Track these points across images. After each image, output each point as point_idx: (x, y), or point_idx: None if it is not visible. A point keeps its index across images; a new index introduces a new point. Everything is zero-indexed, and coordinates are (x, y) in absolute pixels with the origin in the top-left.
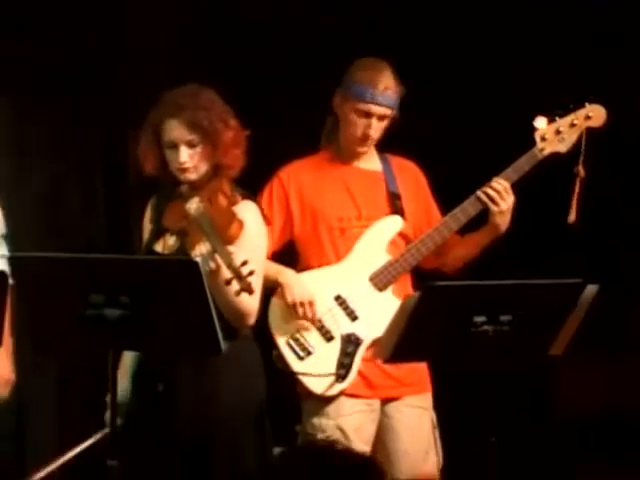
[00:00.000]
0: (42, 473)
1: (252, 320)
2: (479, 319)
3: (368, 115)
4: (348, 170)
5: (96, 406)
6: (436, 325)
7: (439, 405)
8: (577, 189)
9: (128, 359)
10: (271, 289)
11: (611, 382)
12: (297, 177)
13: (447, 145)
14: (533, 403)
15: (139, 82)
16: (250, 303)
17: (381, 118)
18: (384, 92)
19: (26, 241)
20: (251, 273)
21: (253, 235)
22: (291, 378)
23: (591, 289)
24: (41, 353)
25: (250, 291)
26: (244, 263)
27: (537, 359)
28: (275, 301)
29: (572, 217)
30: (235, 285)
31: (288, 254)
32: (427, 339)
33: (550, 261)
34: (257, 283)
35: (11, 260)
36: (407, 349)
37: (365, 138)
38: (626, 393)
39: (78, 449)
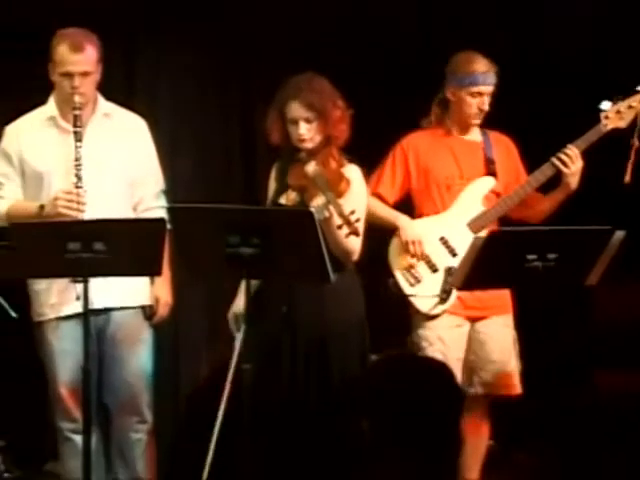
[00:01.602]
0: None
1: (356, 257)
2: (531, 257)
3: (480, 94)
4: (455, 140)
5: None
6: (498, 261)
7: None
8: (633, 156)
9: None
10: (391, 231)
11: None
12: (415, 144)
13: (533, 122)
14: (573, 321)
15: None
16: (355, 244)
17: (488, 94)
18: (487, 74)
19: (180, 194)
20: (357, 220)
21: (357, 190)
22: (403, 300)
23: (619, 234)
24: (194, 280)
25: (357, 234)
26: (352, 212)
27: (576, 287)
28: (394, 240)
29: (627, 178)
30: (345, 229)
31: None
32: (490, 272)
33: (607, 213)
34: (360, 228)
35: (169, 210)
36: (475, 279)
37: (480, 113)
38: None
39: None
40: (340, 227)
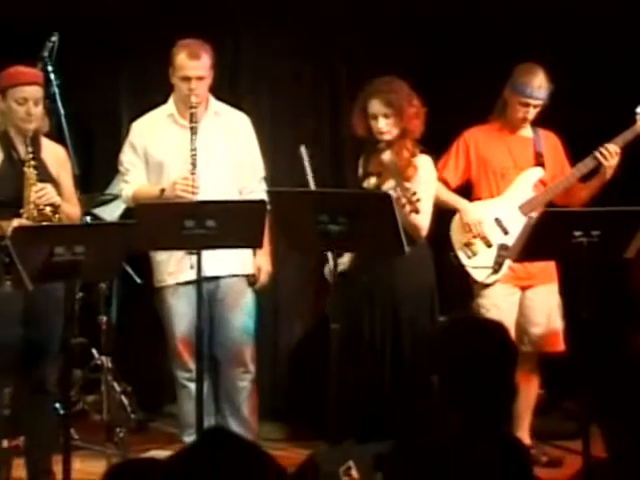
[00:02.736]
0: None
1: (423, 233)
2: (577, 233)
3: (527, 105)
4: (509, 135)
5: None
6: (548, 237)
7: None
8: None
9: None
10: (453, 212)
11: None
12: (475, 136)
13: (577, 124)
14: (612, 289)
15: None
16: (419, 221)
17: (535, 107)
18: (538, 90)
19: (278, 180)
20: (418, 200)
21: (424, 176)
22: (463, 271)
23: None
24: (290, 251)
25: (417, 212)
26: (414, 194)
27: (615, 260)
28: (455, 220)
29: None
30: (407, 207)
31: None
32: (541, 246)
33: None
34: (427, 208)
35: (269, 193)
36: (528, 253)
37: (524, 120)
38: None
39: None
40: (404, 205)
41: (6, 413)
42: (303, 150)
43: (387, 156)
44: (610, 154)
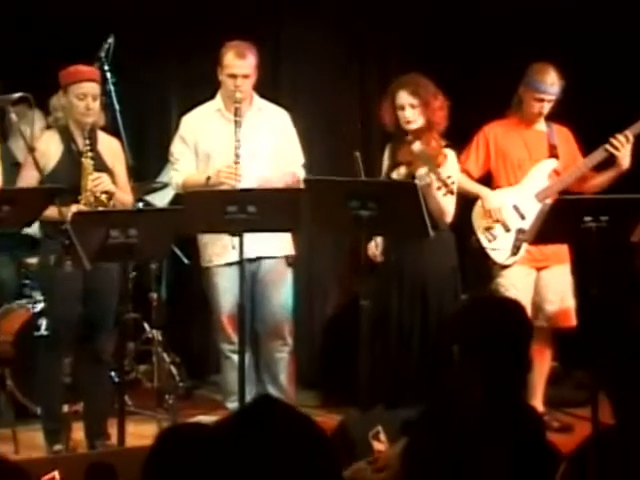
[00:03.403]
0: None
1: (448, 218)
2: (587, 219)
3: (542, 100)
4: (526, 129)
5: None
6: (561, 221)
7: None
8: None
9: None
10: (475, 199)
11: None
12: (494, 130)
13: (589, 116)
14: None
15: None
16: (450, 204)
17: (549, 101)
18: (552, 86)
19: (315, 169)
20: (453, 182)
21: (451, 164)
22: (484, 253)
23: None
24: (324, 234)
25: (452, 193)
26: (448, 177)
27: (624, 244)
28: (477, 207)
29: None
30: (443, 190)
31: None
32: (555, 230)
33: None
34: (451, 196)
35: (306, 181)
36: (543, 236)
37: (539, 115)
38: None
39: None
40: (439, 188)
41: (67, 381)
42: (358, 155)
43: (417, 146)
44: (621, 143)
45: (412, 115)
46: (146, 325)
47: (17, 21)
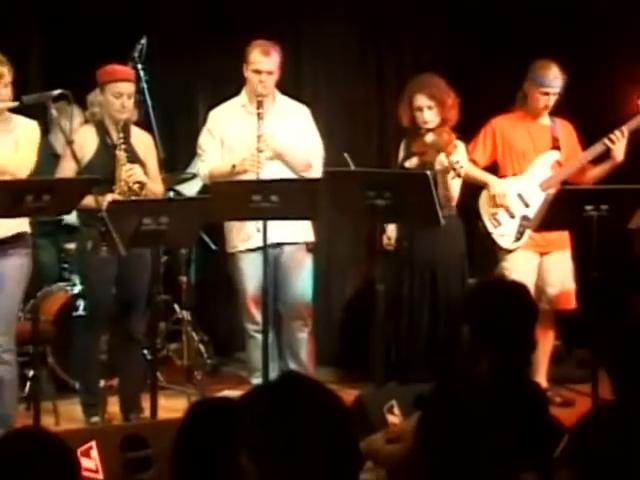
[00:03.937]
0: None
1: (453, 203)
2: (588, 207)
3: (547, 94)
4: (530, 122)
5: None
6: (563, 210)
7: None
8: None
9: None
10: (482, 187)
11: None
12: (501, 123)
13: (588, 111)
14: (618, 255)
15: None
16: (455, 190)
17: (553, 94)
18: (555, 80)
19: (333, 161)
20: (461, 167)
21: (460, 153)
22: (490, 238)
23: None
24: (342, 222)
25: (460, 175)
26: (457, 162)
27: (622, 231)
28: (483, 194)
29: None
30: (452, 173)
31: None
32: (557, 218)
33: None
34: (457, 183)
35: (325, 173)
36: (546, 223)
37: (545, 108)
38: None
39: None
40: (448, 171)
41: (103, 358)
42: (346, 155)
43: (430, 137)
44: (617, 137)
45: (429, 116)
46: (176, 306)
47: (58, 23)
